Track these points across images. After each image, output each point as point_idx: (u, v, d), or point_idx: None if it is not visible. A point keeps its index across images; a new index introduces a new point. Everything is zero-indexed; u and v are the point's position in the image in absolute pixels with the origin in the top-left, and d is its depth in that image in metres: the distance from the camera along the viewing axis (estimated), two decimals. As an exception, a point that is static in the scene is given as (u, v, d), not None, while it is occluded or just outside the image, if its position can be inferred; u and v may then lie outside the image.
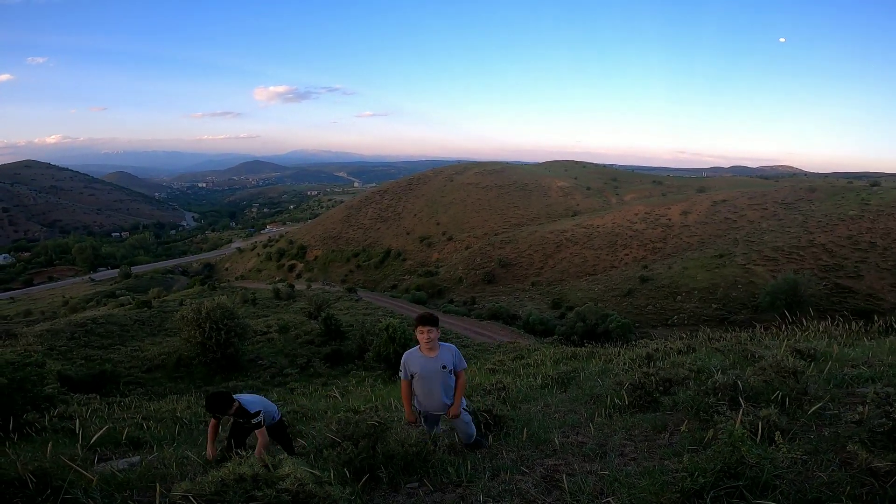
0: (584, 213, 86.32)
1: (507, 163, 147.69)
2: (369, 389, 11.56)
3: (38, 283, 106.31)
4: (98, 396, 12.10)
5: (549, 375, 7.85)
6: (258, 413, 4.29)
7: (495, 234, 78.95)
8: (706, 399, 4.32)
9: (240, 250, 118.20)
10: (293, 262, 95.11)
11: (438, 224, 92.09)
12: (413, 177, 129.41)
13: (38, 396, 6.66)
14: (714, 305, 40.60)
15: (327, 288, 57.88)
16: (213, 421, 4.49)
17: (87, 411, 7.86)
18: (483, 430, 4.67)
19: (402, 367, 4.24)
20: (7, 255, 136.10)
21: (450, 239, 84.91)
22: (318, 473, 3.22)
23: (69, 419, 6.55)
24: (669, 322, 39.52)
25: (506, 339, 27.69)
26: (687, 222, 65.57)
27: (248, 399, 4.41)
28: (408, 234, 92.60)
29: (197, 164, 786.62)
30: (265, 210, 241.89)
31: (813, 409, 3.82)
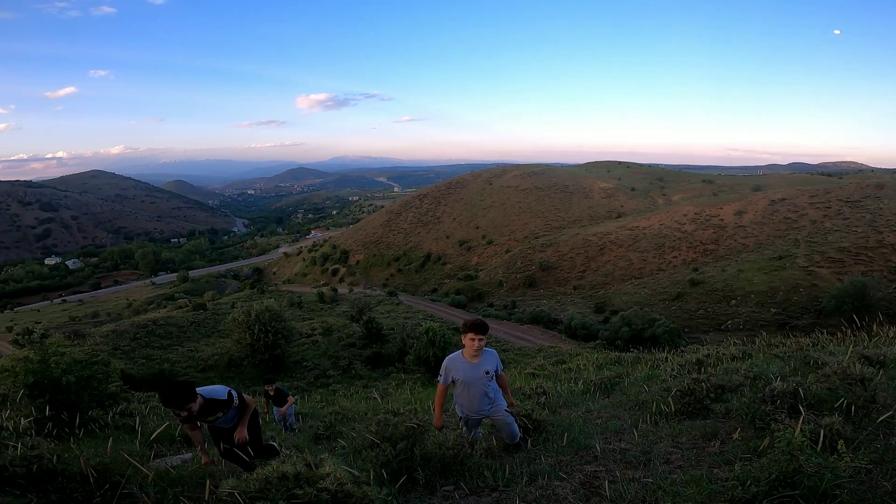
0: (629, 214, 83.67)
1: (547, 164, 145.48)
2: (409, 392, 11.64)
3: (105, 287, 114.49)
4: (156, 395, 12.81)
5: (591, 380, 7.67)
6: (229, 400, 3.82)
7: (536, 237, 77.87)
8: (763, 406, 4.08)
9: (286, 255, 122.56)
10: (336, 266, 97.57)
11: (478, 228, 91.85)
12: (452, 181, 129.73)
13: (103, 394, 6.85)
14: (773, 310, 38.27)
15: (369, 292, 58.96)
16: (187, 426, 3.90)
17: (146, 409, 8.22)
18: (522, 435, 4.59)
19: (442, 372, 4.15)
20: (77, 260, 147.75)
21: (489, 242, 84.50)
22: (356, 474, 3.27)
23: (129, 416, 6.86)
24: (723, 327, 37.63)
25: (546, 344, 27.21)
26: (742, 222, 62.19)
27: (214, 388, 3.89)
28: (447, 237, 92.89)
29: (246, 171, 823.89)
30: (309, 216, 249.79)
31: (882, 418, 3.54)
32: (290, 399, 8.08)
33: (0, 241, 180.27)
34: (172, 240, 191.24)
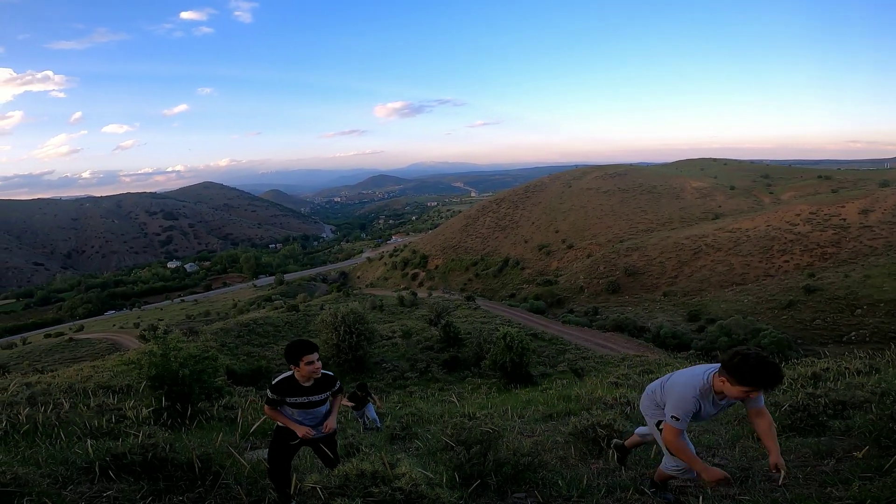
0: (729, 215, 76.79)
1: (631, 164, 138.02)
2: (484, 397, 11.58)
3: (216, 288, 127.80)
4: (254, 389, 13.96)
5: (683, 393, 7.06)
6: (335, 377, 3.60)
7: (620, 241, 74.13)
8: (891, 425, 3.61)
9: (369, 259, 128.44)
10: (416, 270, 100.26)
11: (557, 231, 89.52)
12: (529, 184, 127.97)
13: (211, 387, 7.26)
14: (908, 322, 32.93)
15: (447, 296, 59.80)
16: (267, 408, 3.49)
17: (245, 402, 8.74)
18: (601, 446, 4.37)
19: (685, 412, 2.90)
20: (193, 263, 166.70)
21: (570, 247, 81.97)
22: (430, 475, 3.29)
23: (231, 409, 7.34)
24: (845, 339, 33.16)
25: (631, 353, 25.66)
26: (868, 222, 54.34)
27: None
28: (526, 242, 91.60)
29: (332, 179, 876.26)
30: (390, 221, 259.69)
31: None
32: (376, 401, 8.37)
33: (131, 247, 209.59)
34: (270, 245, 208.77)
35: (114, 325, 69.95)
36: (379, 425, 7.96)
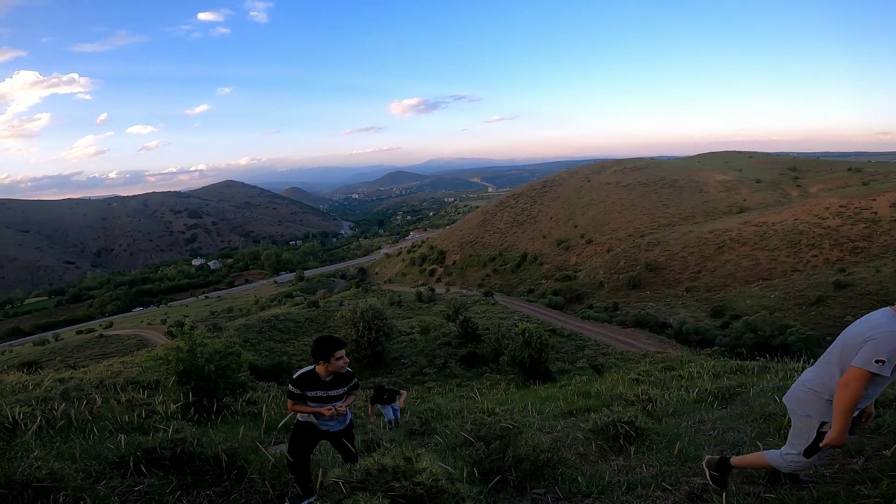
0: (754, 209, 74.83)
1: (652, 158, 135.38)
2: (503, 393, 11.57)
3: (238, 285, 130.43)
4: (276, 385, 14.19)
5: (706, 389, 7.01)
6: (353, 373, 3.62)
7: (641, 236, 72.88)
8: None
9: (387, 256, 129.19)
10: (434, 266, 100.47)
11: (576, 226, 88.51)
12: (547, 179, 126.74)
13: (235, 383, 7.35)
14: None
15: (465, 292, 59.81)
16: (290, 402, 3.46)
17: (268, 397, 8.86)
18: (622, 443, 4.33)
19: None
20: (216, 261, 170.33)
21: (589, 242, 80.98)
22: (451, 470, 3.32)
23: (254, 404, 7.46)
24: (876, 338, 31.84)
25: (652, 349, 25.29)
26: (901, 215, 52.27)
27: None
28: (544, 237, 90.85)
29: (350, 176, 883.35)
30: (408, 217, 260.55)
31: None
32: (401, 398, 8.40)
33: (157, 245, 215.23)
34: (290, 242, 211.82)
35: (142, 322, 72.01)
36: (391, 425, 7.89)
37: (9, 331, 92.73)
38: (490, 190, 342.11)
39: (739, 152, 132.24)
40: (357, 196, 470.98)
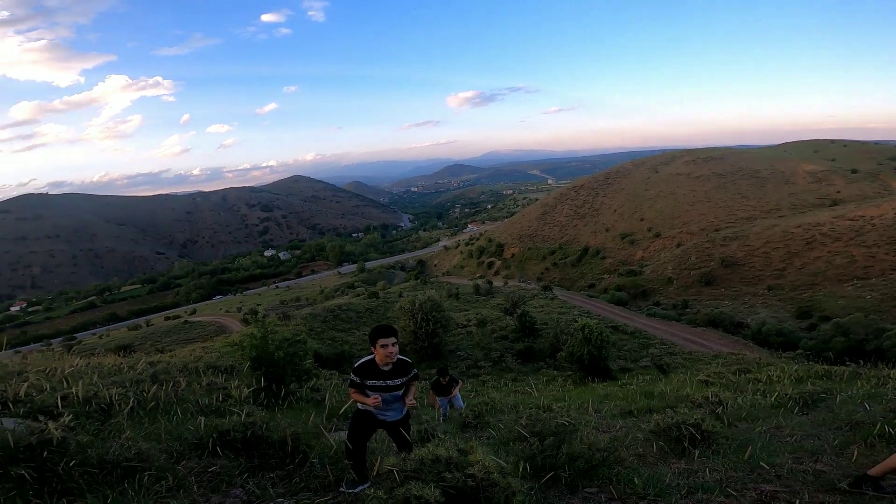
0: (849, 201, 67.69)
1: (728, 148, 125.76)
2: (559, 389, 11.35)
3: (305, 275, 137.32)
4: (337, 373, 14.80)
5: (785, 394, 6.51)
6: (412, 364, 3.67)
7: (716, 230, 68.23)
8: None
9: (446, 248, 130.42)
10: (492, 259, 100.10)
11: (643, 220, 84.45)
12: (610, 170, 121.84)
13: (301, 370, 7.58)
14: None
15: (523, 285, 59.08)
16: (352, 389, 3.58)
17: (330, 385, 9.12)
18: (685, 446, 4.13)
19: None
20: (286, 252, 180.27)
21: (657, 235, 77.01)
22: (504, 464, 3.33)
23: (317, 391, 7.72)
24: None
25: (726, 350, 23.64)
26: None
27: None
28: (607, 230, 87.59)
29: (409, 170, 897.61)
30: (466, 210, 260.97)
31: None
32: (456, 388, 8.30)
33: (235, 237, 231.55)
34: (353, 234, 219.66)
35: (220, 309, 77.91)
36: (444, 417, 7.82)
37: (108, 316, 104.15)
38: (550, 182, 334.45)
39: (832, 141, 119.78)
40: (416, 189, 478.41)
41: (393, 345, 3.45)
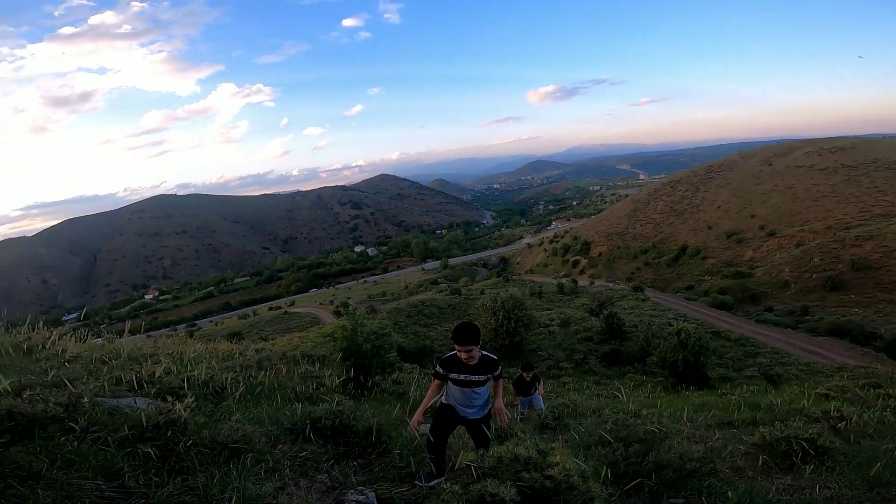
0: None
1: (858, 137, 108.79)
2: (648, 395, 10.66)
3: (391, 271, 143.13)
4: (418, 367, 15.13)
5: (925, 411, 5.60)
6: (499, 363, 3.63)
7: (845, 228, 59.63)
8: None
9: (529, 246, 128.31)
10: (577, 257, 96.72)
11: (753, 217, 76.35)
12: (713, 163, 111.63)
13: (385, 362, 7.88)
14: None
15: (611, 285, 56.36)
16: (436, 382, 3.67)
17: (412, 379, 9.41)
18: (795, 461, 3.70)
19: None
20: (374, 248, 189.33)
21: (771, 234, 69.17)
22: (585, 467, 3.22)
23: (399, 384, 7.98)
24: None
25: (852, 363, 20.62)
26: None
27: (487, 351, 3.67)
28: (709, 228, 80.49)
29: (491, 167, 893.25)
30: (550, 207, 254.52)
31: None
32: (541, 387, 8.06)
33: (328, 234, 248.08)
34: (436, 231, 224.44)
35: (315, 301, 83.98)
36: (522, 416, 7.60)
37: (222, 305, 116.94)
38: (642, 177, 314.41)
39: None
40: (498, 186, 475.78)
41: (469, 352, 3.41)
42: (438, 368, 3.59)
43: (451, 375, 3.53)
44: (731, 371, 18.71)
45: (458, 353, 3.45)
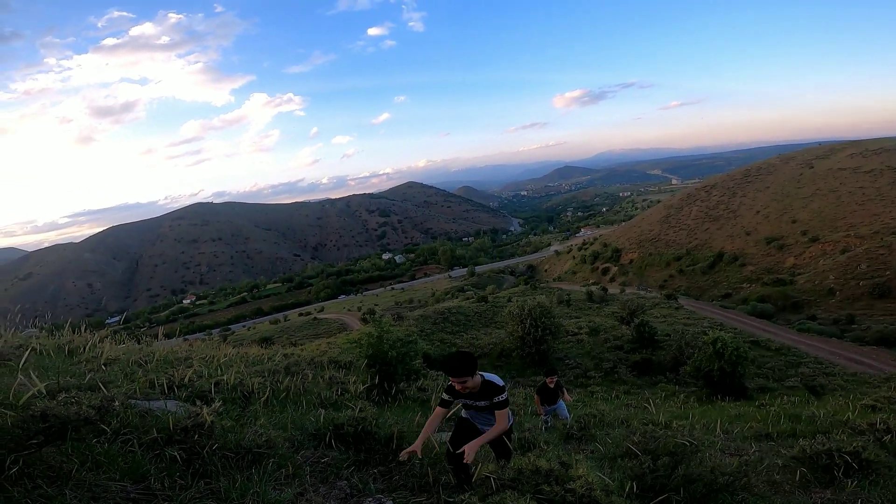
0: None
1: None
2: (681, 406, 10.28)
3: (418, 278, 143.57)
4: (444, 374, 15.02)
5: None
6: (504, 389, 3.42)
7: (893, 233, 56.51)
8: None
9: (557, 253, 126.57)
10: (607, 265, 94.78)
11: (794, 221, 73.27)
12: (750, 167, 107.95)
13: (410, 369, 7.90)
14: None
15: (643, 293, 54.90)
16: (439, 409, 3.53)
17: (436, 386, 9.36)
18: (837, 475, 3.50)
19: None
20: (401, 255, 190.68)
21: (813, 240, 66.17)
22: (609, 482, 3.13)
23: (424, 391, 7.98)
24: None
25: (904, 376, 19.42)
26: None
27: (493, 375, 3.50)
28: (747, 234, 77.63)
29: (517, 174, 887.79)
30: (578, 213, 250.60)
31: None
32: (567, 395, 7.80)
33: (357, 241, 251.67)
34: (463, 239, 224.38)
35: (343, 308, 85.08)
36: (546, 424, 7.33)
37: (255, 311, 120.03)
38: (674, 182, 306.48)
39: None
40: (525, 193, 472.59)
41: (463, 383, 3.31)
42: (445, 395, 3.49)
43: (458, 401, 3.49)
44: (771, 381, 17.92)
45: (453, 384, 3.37)
